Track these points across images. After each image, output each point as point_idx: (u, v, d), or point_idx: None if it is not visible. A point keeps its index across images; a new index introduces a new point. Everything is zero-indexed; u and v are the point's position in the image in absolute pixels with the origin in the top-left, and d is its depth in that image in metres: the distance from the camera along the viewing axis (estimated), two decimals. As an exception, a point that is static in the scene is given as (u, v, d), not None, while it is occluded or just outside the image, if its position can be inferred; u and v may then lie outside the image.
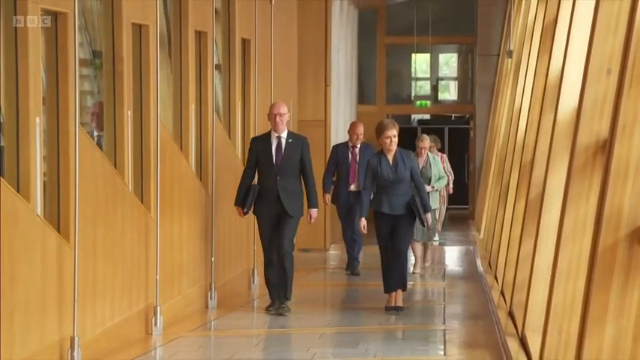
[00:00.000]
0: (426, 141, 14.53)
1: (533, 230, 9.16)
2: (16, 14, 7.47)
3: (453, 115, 28.25)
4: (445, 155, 16.44)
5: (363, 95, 25.55)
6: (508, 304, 10.54)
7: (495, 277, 13.09)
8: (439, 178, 14.43)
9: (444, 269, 15.30)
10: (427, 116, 28.17)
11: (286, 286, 10.94)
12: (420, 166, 13.81)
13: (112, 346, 8.87)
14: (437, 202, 14.49)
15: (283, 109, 10.99)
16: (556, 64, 9.51)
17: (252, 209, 11.00)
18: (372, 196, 11.17)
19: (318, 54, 17.48)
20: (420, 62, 27.48)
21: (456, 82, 28.12)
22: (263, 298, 12.09)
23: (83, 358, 8.12)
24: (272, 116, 10.98)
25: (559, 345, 6.95)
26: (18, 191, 7.52)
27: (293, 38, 16.32)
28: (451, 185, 16.49)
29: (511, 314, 10.05)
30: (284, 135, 10.98)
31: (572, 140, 7.14)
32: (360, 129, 14.43)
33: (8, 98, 7.61)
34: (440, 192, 15.59)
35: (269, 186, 10.89)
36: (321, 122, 17.59)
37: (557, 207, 7.77)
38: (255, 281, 12.80)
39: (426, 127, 27.19)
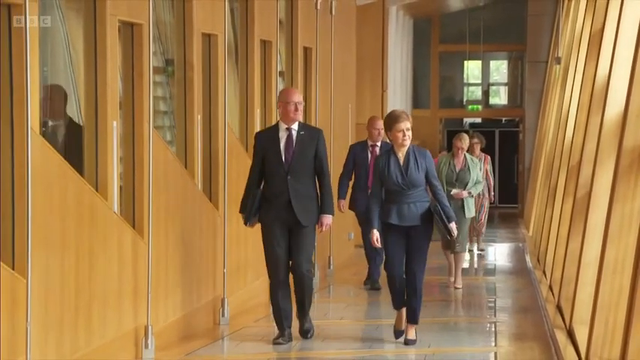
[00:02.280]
0: (464, 141, 12.59)
1: (580, 228, 9.10)
2: (95, 25, 7.56)
3: (503, 119, 28.08)
4: (489, 157, 15.71)
5: (418, 100, 25.49)
6: (556, 298, 10.47)
7: (544, 273, 13.01)
8: (476, 183, 12.33)
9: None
10: (478, 120, 28.04)
11: (304, 309, 8.81)
12: (457, 169, 12.31)
13: (182, 335, 8.95)
14: (473, 209, 12.44)
15: (300, 97, 8.72)
16: (603, 70, 9.45)
17: (256, 218, 8.68)
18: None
19: (376, 61, 17.49)
20: (472, 68, 27.37)
21: (506, 87, 27.97)
22: (323, 292, 12.13)
23: (156, 346, 8.20)
24: (285, 105, 8.58)
25: (605, 337, 6.91)
26: (97, 190, 7.61)
27: (352, 46, 16.33)
28: (492, 190, 15.66)
29: (559, 308, 9.99)
30: (295, 127, 8.61)
31: (618, 142, 7.10)
32: (381, 123, 11.65)
33: (88, 103, 7.70)
34: (485, 195, 15.12)
35: (278, 189, 8.54)
36: (378, 125, 17.56)
37: (603, 206, 7.72)
38: (316, 275, 12.82)
39: (477, 129, 27.09)
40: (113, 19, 7.68)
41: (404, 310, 8.77)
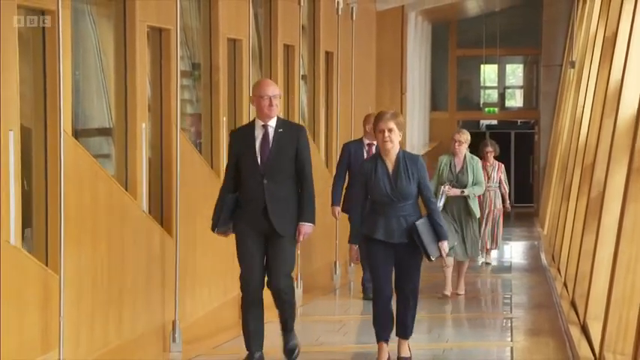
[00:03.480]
0: (463, 134, 11.06)
1: (594, 226, 9.07)
2: (125, 31, 7.60)
3: (519, 121, 28.02)
4: (503, 166, 14.37)
5: (436, 102, 25.47)
6: (570, 295, 10.44)
7: (558, 270, 12.97)
8: (475, 184, 10.91)
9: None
10: (495, 122, 27.99)
11: (287, 326, 7.55)
12: (457, 170, 10.91)
13: (209, 330, 8.97)
14: (477, 208, 11.01)
15: (276, 90, 7.32)
16: (616, 73, 9.42)
17: (228, 226, 7.36)
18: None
19: (395, 64, 17.48)
20: (489, 72, 27.32)
21: (522, 90, 27.92)
22: (344, 288, 12.15)
23: (184, 340, 8.23)
24: (259, 100, 7.23)
25: (619, 332, 6.88)
26: (126, 189, 7.65)
27: (372, 50, 16.33)
28: (507, 199, 14.30)
29: (573, 304, 9.96)
30: (272, 124, 7.26)
31: (631, 143, 7.08)
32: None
33: (117, 106, 7.74)
34: (496, 204, 14.02)
35: (252, 193, 7.21)
36: (398, 127, 17.57)
37: (617, 205, 7.70)
38: (337, 272, 12.83)
39: (494, 131, 27.04)
40: (142, 24, 7.71)
41: (385, 348, 7.46)
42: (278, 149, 7.25)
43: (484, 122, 27.99)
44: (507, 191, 14.35)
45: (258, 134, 7.28)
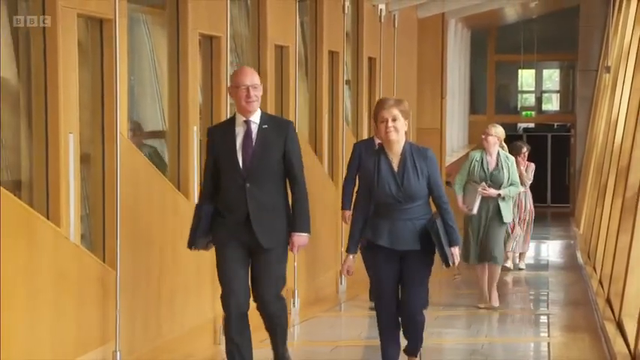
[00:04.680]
0: (494, 128, 9.98)
1: (629, 226, 9.01)
2: (178, 39, 7.66)
3: (556, 124, 27.85)
4: (533, 165, 13.26)
5: (475, 106, 25.38)
6: (606, 292, 10.37)
7: (594, 268, 12.88)
8: (511, 184, 9.81)
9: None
10: (532, 125, 27.84)
11: (277, 345, 6.47)
12: (491, 168, 9.79)
13: (256, 323, 8.98)
14: (510, 212, 9.88)
15: (255, 79, 6.09)
16: (651, 78, 9.34)
17: (206, 240, 6.23)
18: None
19: (436, 70, 17.45)
20: (526, 77, 27.18)
21: (558, 94, 27.73)
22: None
23: (232, 333, 8.25)
24: (235, 91, 6.09)
25: (653, 329, 6.84)
26: (178, 189, 7.70)
27: (413, 56, 16.31)
28: (531, 202, 13.09)
29: (609, 301, 9.89)
30: (255, 118, 6.09)
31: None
32: None
33: (170, 110, 7.80)
34: (527, 206, 12.88)
35: (234, 200, 6.05)
36: (437, 130, 17.56)
37: (651, 206, 7.64)
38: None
39: (531, 134, 26.93)
40: (194, 32, 7.77)
41: None
42: (263, 148, 6.03)
43: (521, 125, 27.85)
44: (527, 184, 12.86)
45: (240, 131, 6.07)
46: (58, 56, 6.01)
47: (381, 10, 13.26)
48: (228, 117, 6.59)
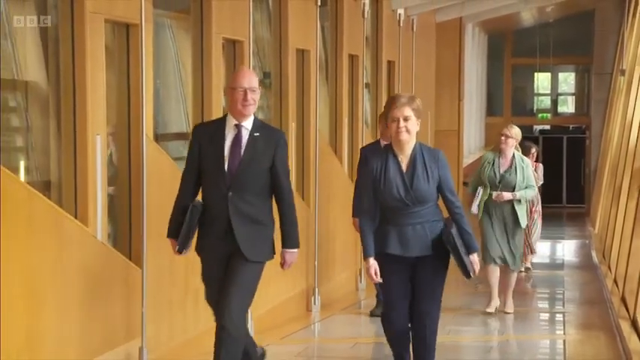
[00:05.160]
0: (512, 129, 9.33)
1: (643, 226, 8.98)
2: (202, 43, 7.69)
3: (571, 126, 27.77)
4: (541, 165, 12.74)
5: (491, 108, 25.33)
6: (621, 291, 10.34)
7: (609, 267, 12.84)
8: (526, 187, 9.19)
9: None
10: (547, 127, 27.77)
11: None
12: (502, 170, 9.23)
13: (278, 321, 9.02)
14: (525, 217, 9.30)
15: (254, 81, 5.63)
16: (665, 80, 9.31)
17: (193, 243, 5.72)
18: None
19: (453, 73, 17.44)
20: (542, 80, 27.11)
21: (574, 97, 27.66)
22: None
23: (255, 330, 8.27)
24: (232, 92, 5.58)
25: (667, 327, 6.81)
26: (202, 189, 7.73)
27: (432, 59, 16.30)
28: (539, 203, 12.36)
29: (624, 300, 9.86)
30: (247, 124, 5.59)
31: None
32: None
33: (194, 112, 7.83)
34: (534, 206, 12.10)
35: (216, 208, 5.56)
36: (455, 132, 17.55)
37: (665, 206, 7.62)
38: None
39: (547, 136, 26.87)
40: (218, 37, 7.80)
41: None
42: (251, 157, 5.53)
43: (537, 127, 27.78)
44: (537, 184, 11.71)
45: (229, 135, 5.55)
46: (86, 60, 6.05)
47: (400, 14, 13.27)
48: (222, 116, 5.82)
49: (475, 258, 5.67)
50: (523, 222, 9.27)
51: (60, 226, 5.79)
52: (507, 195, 9.13)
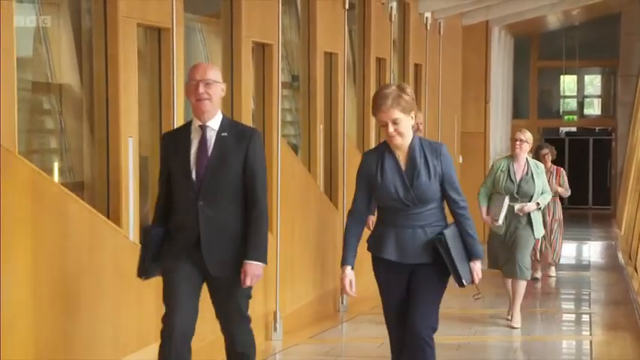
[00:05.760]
0: (525, 133, 8.80)
1: (669, 228, 8.91)
2: (232, 46, 7.72)
3: (597, 128, 27.61)
4: (562, 170, 11.93)
5: (518, 110, 25.22)
6: (647, 292, 10.27)
7: (635, 269, 12.75)
8: (543, 193, 8.69)
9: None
10: (574, 129, 27.64)
11: None
12: (518, 177, 8.63)
13: (306, 320, 9.04)
14: (541, 225, 8.76)
15: (209, 73, 5.00)
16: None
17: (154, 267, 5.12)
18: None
19: (480, 75, 17.38)
20: (568, 82, 26.98)
21: (600, 99, 27.50)
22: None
23: (284, 329, 8.31)
24: (188, 87, 5.00)
25: (693, 328, 6.76)
26: (232, 191, 7.75)
27: (458, 62, 16.26)
28: (567, 192, 11.71)
29: (649, 301, 9.80)
30: (213, 124, 5.00)
31: None
32: (420, 117, 8.32)
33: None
34: (555, 214, 11.63)
35: (185, 219, 4.99)
36: (482, 134, 17.50)
37: (691, 208, 7.55)
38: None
39: (573, 138, 26.76)
40: (247, 40, 7.82)
41: None
42: (219, 160, 4.93)
43: (563, 129, 27.66)
44: (569, 194, 11.78)
45: (195, 138, 4.98)
46: (119, 64, 6.09)
47: (427, 18, 13.25)
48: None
49: (477, 266, 5.01)
50: (539, 233, 8.67)
51: (93, 226, 5.83)
52: (532, 206, 8.53)
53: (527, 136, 8.75)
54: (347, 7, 9.97)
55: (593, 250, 16.87)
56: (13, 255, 5.09)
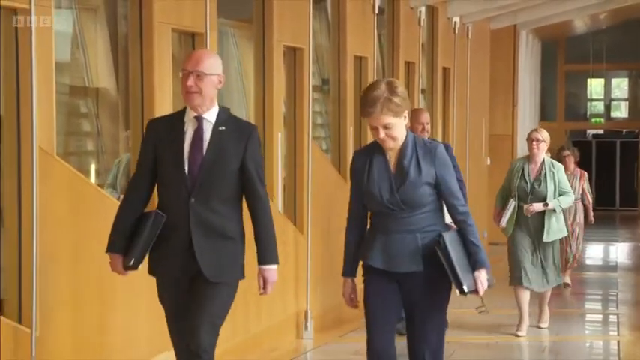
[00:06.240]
0: (541, 132, 8.34)
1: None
2: (264, 51, 7.75)
3: (624, 131, 27.44)
4: (586, 174, 11.23)
5: (545, 113, 25.11)
6: (674, 293, 10.20)
7: (662, 270, 12.67)
8: (561, 195, 8.14)
9: None
10: (601, 131, 27.48)
11: None
12: (532, 177, 8.19)
13: (336, 319, 9.04)
14: (562, 226, 8.24)
15: (201, 65, 4.48)
16: None
17: (146, 261, 4.62)
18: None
19: (507, 79, 17.33)
20: (595, 85, 26.83)
21: (627, 102, 27.32)
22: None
23: (314, 328, 8.32)
24: (182, 79, 4.52)
25: None
26: (264, 192, 7.78)
27: (486, 66, 16.22)
28: (590, 212, 11.08)
29: (677, 302, 9.73)
30: (210, 116, 4.55)
31: None
32: (427, 117, 8.02)
33: (256, 117, 7.89)
34: (576, 217, 10.85)
35: (175, 218, 4.51)
36: (509, 136, 17.45)
37: None
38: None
39: (600, 140, 26.60)
40: (279, 44, 7.85)
41: None
42: (216, 155, 4.49)
43: (590, 132, 27.51)
44: (591, 202, 11.16)
45: (189, 130, 4.51)
46: (154, 68, 6.14)
47: (455, 22, 13.23)
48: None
49: (482, 275, 4.44)
50: (551, 235, 8.12)
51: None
52: (538, 206, 8.05)
53: (544, 135, 8.28)
54: (377, 11, 9.98)
55: (620, 252, 16.75)
56: (52, 254, 5.15)
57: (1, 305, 5.17)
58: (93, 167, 6.39)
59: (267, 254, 4.60)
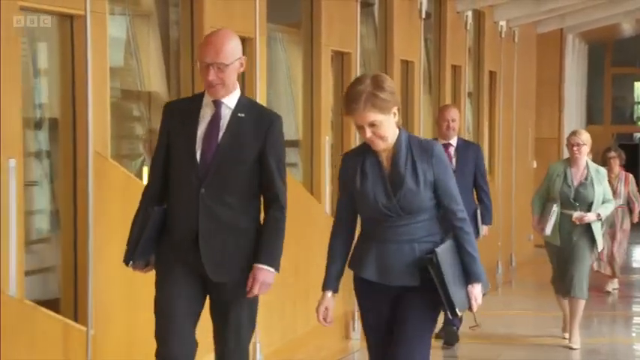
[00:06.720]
0: (582, 135, 7.75)
1: None
2: (312, 55, 7.79)
3: (671, 134, 27.14)
4: (631, 176, 10.91)
5: (592, 117, 24.91)
6: None
7: None
8: (604, 202, 7.68)
9: None
10: (647, 134, 27.22)
11: None
12: (576, 183, 7.68)
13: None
14: (600, 236, 7.72)
15: (221, 56, 4.04)
16: None
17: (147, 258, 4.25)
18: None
19: (554, 83, 17.21)
20: (642, 88, 26.59)
21: (674, 105, 27.05)
22: (507, 285, 11.94)
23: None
24: (201, 71, 4.12)
25: None
26: (312, 194, 7.82)
27: (532, 70, 16.12)
28: (636, 214, 10.78)
29: None
30: (229, 102, 4.14)
31: None
32: (454, 113, 7.59)
33: (304, 121, 7.93)
34: (623, 223, 10.66)
35: (183, 208, 4.13)
36: (556, 139, 17.32)
37: None
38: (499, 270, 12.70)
39: (647, 143, 26.34)
40: (327, 49, 7.88)
41: None
42: (232, 143, 4.06)
43: (637, 135, 27.25)
44: (638, 205, 10.79)
45: (205, 115, 4.11)
46: (205, 72, 6.18)
47: (501, 26, 13.18)
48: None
49: (476, 290, 4.03)
50: (600, 244, 7.74)
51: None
52: (591, 217, 7.56)
53: (584, 138, 7.70)
54: (423, 16, 9.97)
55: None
56: (106, 256, 5.22)
57: (57, 304, 5.25)
58: (145, 170, 6.47)
59: (267, 254, 4.11)
